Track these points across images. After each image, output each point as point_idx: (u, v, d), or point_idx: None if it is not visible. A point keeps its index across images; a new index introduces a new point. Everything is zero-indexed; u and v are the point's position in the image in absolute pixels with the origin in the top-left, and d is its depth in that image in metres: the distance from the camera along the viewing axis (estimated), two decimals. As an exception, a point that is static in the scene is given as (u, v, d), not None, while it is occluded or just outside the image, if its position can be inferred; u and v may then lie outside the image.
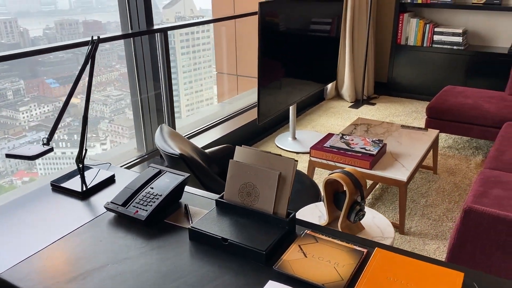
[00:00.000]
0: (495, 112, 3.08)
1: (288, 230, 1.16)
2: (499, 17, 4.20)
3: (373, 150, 2.39)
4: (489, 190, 1.99)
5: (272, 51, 2.86)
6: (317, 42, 3.37)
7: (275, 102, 3.02)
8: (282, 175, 1.17)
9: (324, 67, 3.58)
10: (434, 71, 4.35)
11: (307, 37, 3.22)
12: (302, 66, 3.26)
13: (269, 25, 2.75)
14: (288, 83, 3.13)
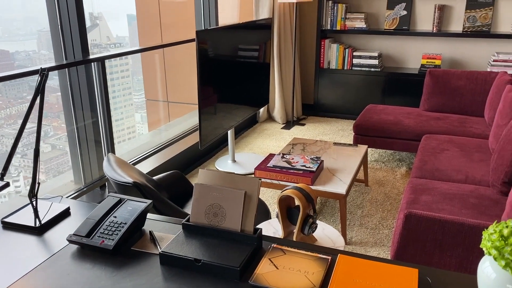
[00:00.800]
0: (414, 127, 3.41)
1: (256, 246, 1.22)
2: (408, 41, 4.67)
3: (312, 167, 2.54)
4: (419, 197, 2.21)
5: (210, 77, 2.95)
6: (250, 67, 3.52)
7: (215, 127, 3.09)
8: (247, 193, 1.24)
9: (258, 91, 3.73)
10: (355, 92, 4.69)
11: (241, 63, 3.36)
12: (238, 91, 3.37)
13: (206, 52, 2.84)
14: (226, 108, 3.22)
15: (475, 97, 3.63)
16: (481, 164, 2.64)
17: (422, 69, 4.39)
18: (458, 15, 4.42)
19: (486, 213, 2.05)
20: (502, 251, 0.90)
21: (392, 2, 4.54)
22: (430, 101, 3.78)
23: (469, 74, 3.66)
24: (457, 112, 3.70)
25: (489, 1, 4.22)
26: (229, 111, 3.29)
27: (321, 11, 4.61)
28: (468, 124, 3.40)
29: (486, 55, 4.43)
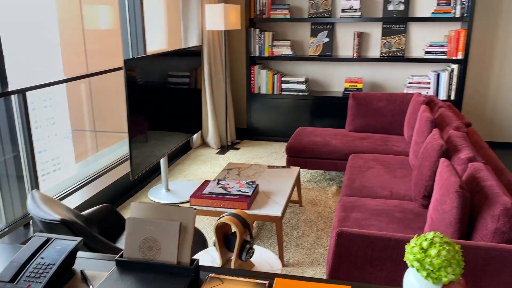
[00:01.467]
0: (341, 147, 3.58)
1: (194, 277, 1.21)
2: (332, 66, 4.94)
3: (248, 191, 2.57)
4: (349, 214, 2.31)
5: (140, 105, 2.91)
6: (181, 94, 3.52)
7: (147, 155, 3.04)
8: (182, 224, 1.23)
9: (190, 118, 3.72)
10: (286, 115, 4.85)
11: (171, 90, 3.35)
12: (170, 118, 3.35)
13: (135, 80, 2.81)
14: (158, 135, 3.18)
15: (394, 117, 3.90)
16: (403, 179, 2.83)
17: (345, 92, 4.65)
18: (375, 42, 4.75)
19: (411, 226, 2.19)
20: (423, 262, 0.98)
21: (315, 30, 4.79)
22: (354, 122, 4.00)
23: (388, 96, 3.93)
24: (379, 131, 3.95)
25: (401, 28, 4.60)
26: (161, 139, 3.25)
27: (249, 38, 4.75)
28: (390, 142, 3.64)
29: (402, 78, 4.79)
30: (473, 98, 4.73)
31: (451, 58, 4.37)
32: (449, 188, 1.76)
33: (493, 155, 2.45)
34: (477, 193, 1.81)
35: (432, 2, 4.53)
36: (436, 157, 2.29)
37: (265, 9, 4.69)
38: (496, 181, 1.81)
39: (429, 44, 4.42)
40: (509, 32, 4.47)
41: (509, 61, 4.55)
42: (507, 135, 4.76)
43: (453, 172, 1.85)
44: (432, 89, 4.47)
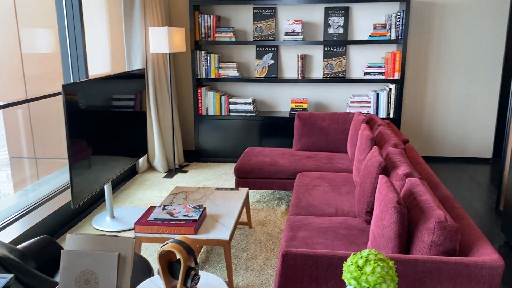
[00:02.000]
0: (289, 166, 3.63)
1: (134, 309, 1.17)
2: (278, 87, 5.04)
3: (195, 216, 2.54)
4: (297, 233, 2.34)
5: (82, 130, 2.81)
6: (125, 118, 3.45)
7: (90, 182, 2.93)
8: (121, 255, 1.19)
9: (135, 142, 3.65)
10: (234, 136, 4.87)
11: (115, 114, 3.27)
12: (113, 143, 3.26)
13: (75, 105, 2.72)
14: (100, 161, 3.08)
15: (338, 135, 4.02)
16: (348, 196, 2.91)
17: (292, 112, 4.75)
18: (318, 63, 4.92)
19: (355, 242, 2.25)
20: (359, 280, 1.00)
21: (260, 52, 4.89)
22: (301, 141, 4.08)
23: (331, 115, 4.06)
24: (324, 150, 4.05)
25: (342, 51, 4.79)
26: (105, 164, 3.16)
27: (195, 61, 4.77)
28: (335, 160, 3.74)
29: (345, 97, 4.97)
30: (411, 115, 4.98)
31: (389, 78, 4.60)
32: (387, 204, 1.83)
33: (429, 170, 2.59)
34: (414, 207, 1.89)
35: (369, 26, 4.77)
36: (376, 173, 2.38)
37: (210, 32, 4.74)
38: (431, 195, 1.90)
39: (368, 66, 4.63)
40: (440, 52, 4.78)
41: (441, 80, 4.85)
42: (442, 149, 5.04)
43: (391, 188, 1.93)
44: (373, 107, 4.67)
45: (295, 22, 4.64)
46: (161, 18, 4.58)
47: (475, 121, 4.91)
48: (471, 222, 1.87)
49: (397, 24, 4.48)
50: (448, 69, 4.81)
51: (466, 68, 4.79)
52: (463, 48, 4.74)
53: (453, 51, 4.76)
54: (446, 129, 4.97)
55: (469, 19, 4.67)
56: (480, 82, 4.80)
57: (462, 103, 4.88)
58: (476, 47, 4.72)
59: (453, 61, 4.79)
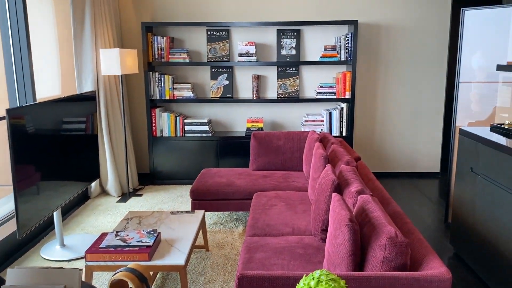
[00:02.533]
0: (245, 186, 3.63)
1: None
2: (233, 107, 5.06)
3: (149, 241, 2.47)
4: (254, 255, 2.33)
5: (29, 155, 2.69)
6: (75, 141, 3.34)
7: (38, 209, 2.79)
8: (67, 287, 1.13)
9: (86, 166, 3.53)
10: (190, 157, 4.82)
11: (65, 138, 3.16)
12: (63, 168, 3.14)
13: (21, 130, 2.60)
14: (50, 187, 2.95)
15: (293, 154, 4.08)
16: (304, 215, 2.93)
17: (248, 132, 4.78)
18: (272, 84, 5.00)
19: (312, 261, 2.26)
20: (312, 302, 1.01)
21: (215, 73, 4.91)
22: (257, 160, 4.10)
23: (286, 134, 4.11)
24: (280, 168, 4.09)
25: (295, 71, 4.90)
26: (54, 190, 3.02)
27: (149, 82, 4.71)
28: (291, 178, 3.78)
29: (299, 117, 5.06)
30: (362, 133, 5.14)
31: (340, 97, 4.74)
32: (340, 222, 1.86)
33: (380, 186, 2.66)
34: (366, 224, 1.93)
35: (320, 47, 4.92)
36: (329, 191, 2.42)
37: (164, 53, 4.71)
38: (382, 212, 1.95)
39: (320, 85, 4.76)
40: (387, 72, 5.00)
41: (390, 99, 5.06)
42: (393, 165, 5.21)
43: (343, 206, 1.97)
44: (326, 126, 4.78)
45: (248, 43, 4.71)
46: (112, 39, 4.51)
47: (422, 137, 5.13)
48: (421, 236, 1.94)
49: (346, 45, 4.65)
50: (395, 88, 5.03)
51: (412, 86, 5.02)
52: (409, 67, 4.98)
53: (399, 70, 4.99)
54: (396, 145, 5.16)
55: (413, 40, 4.92)
56: (425, 100, 5.04)
57: (410, 121, 5.10)
58: (420, 66, 4.97)
59: (399, 80, 5.01)
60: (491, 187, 2.64)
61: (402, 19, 4.87)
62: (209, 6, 4.88)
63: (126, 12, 4.90)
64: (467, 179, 2.98)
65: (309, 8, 4.87)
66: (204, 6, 4.88)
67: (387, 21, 4.88)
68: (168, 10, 4.90)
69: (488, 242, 2.68)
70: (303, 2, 4.86)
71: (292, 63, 4.73)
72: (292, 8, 4.87)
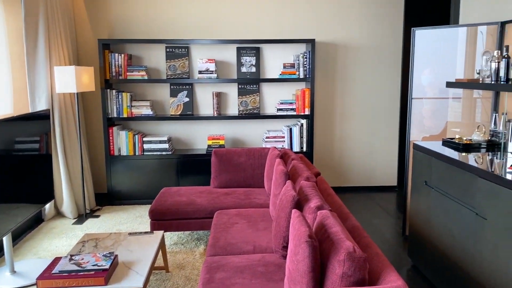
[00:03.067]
0: (206, 205, 3.58)
1: None
2: (194, 124, 5.03)
3: (105, 264, 2.38)
4: (214, 275, 2.28)
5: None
6: (27, 162, 3.19)
7: (-17, 236, 2.63)
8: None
9: (39, 187, 3.38)
10: (150, 176, 4.72)
11: (15, 158, 3.02)
12: (13, 190, 2.99)
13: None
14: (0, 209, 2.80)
15: (255, 170, 4.08)
16: (265, 232, 2.92)
17: (209, 149, 4.75)
18: (233, 101, 5.01)
19: (273, 279, 2.25)
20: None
21: (175, 90, 4.88)
22: (218, 178, 4.07)
23: (247, 151, 4.12)
24: (242, 185, 4.07)
25: (255, 88, 4.94)
26: (4, 212, 2.87)
27: (105, 100, 4.61)
28: (253, 195, 3.77)
29: (260, 133, 5.09)
30: (322, 148, 5.23)
31: (300, 114, 4.81)
32: (300, 239, 1.86)
33: (339, 201, 2.70)
34: (325, 240, 1.94)
35: (279, 65, 5.00)
36: (290, 208, 2.43)
37: (121, 71, 4.64)
38: (341, 227, 1.97)
39: (280, 102, 4.81)
40: (345, 89, 5.13)
41: (347, 115, 5.18)
42: (351, 180, 5.32)
43: (303, 223, 1.97)
44: (287, 142, 4.83)
45: (208, 61, 4.71)
46: (68, 56, 4.39)
47: (380, 152, 5.27)
48: (378, 250, 1.97)
49: (305, 63, 4.75)
50: (352, 104, 5.16)
51: (368, 102, 5.17)
52: (365, 84, 5.13)
53: (356, 87, 5.13)
54: (355, 160, 5.27)
55: (368, 58, 5.09)
56: (381, 116, 5.20)
57: (367, 136, 5.23)
58: (375, 83, 5.14)
59: (356, 96, 5.15)
60: (444, 199, 2.74)
61: (358, 38, 5.04)
62: (168, 23, 4.87)
63: (82, 29, 4.81)
64: (422, 192, 3.07)
65: (268, 27, 4.95)
66: (163, 23, 4.86)
67: (343, 40, 5.03)
68: (126, 27, 4.84)
69: (443, 253, 2.76)
70: (262, 20, 4.94)
71: (253, 80, 4.77)
72: (252, 26, 4.94)
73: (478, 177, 2.37)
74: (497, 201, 2.20)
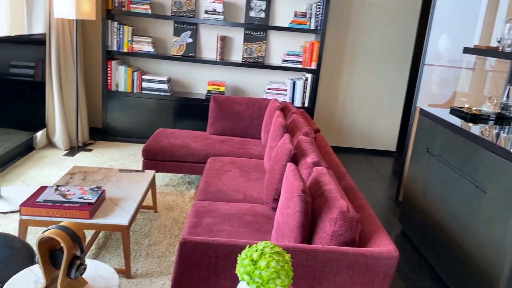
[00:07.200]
0: (200, 150, 3.51)
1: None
2: (195, 67, 4.86)
3: (91, 198, 2.33)
4: (202, 220, 2.24)
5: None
6: (19, 87, 3.07)
7: (-31, 157, 2.56)
8: (-22, 244, 1.00)
9: (30, 114, 3.28)
10: (146, 115, 4.62)
11: (8, 82, 2.90)
12: (4, 115, 2.89)
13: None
14: (-16, 134, 2.71)
15: (253, 121, 3.98)
16: (257, 183, 2.87)
17: (208, 95, 4.62)
18: (238, 47, 4.82)
19: (260, 230, 2.21)
20: (252, 275, 0.93)
21: (178, 29, 4.67)
22: (215, 125, 3.97)
23: (247, 100, 3.99)
24: (239, 135, 3.99)
25: (262, 36, 4.74)
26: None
27: (106, 31, 4.41)
28: (248, 146, 3.69)
29: (262, 84, 4.94)
30: (324, 106, 5.10)
31: (306, 67, 4.65)
32: (293, 192, 1.79)
33: (336, 160, 2.62)
34: (318, 196, 1.88)
35: (290, 13, 4.76)
36: (285, 161, 2.35)
37: (125, 2, 4.41)
38: (336, 185, 1.90)
39: (286, 53, 4.63)
40: (355, 46, 4.93)
41: (354, 74, 5.02)
42: (351, 141, 5.24)
43: (297, 177, 1.90)
44: (289, 95, 4.70)
45: (216, 0, 4.48)
46: (69, -20, 4.15)
47: (382, 115, 5.16)
48: (372, 212, 1.91)
49: (317, 14, 4.52)
50: (361, 64, 4.98)
51: (377, 63, 4.99)
52: (376, 44, 4.93)
53: (367, 46, 4.93)
54: (356, 121, 5.17)
55: (383, 16, 4.85)
56: (389, 79, 5.04)
57: (372, 98, 5.10)
58: (388, 44, 4.94)
59: (366, 56, 4.96)
60: (444, 168, 2.67)
61: (375, -7, 4.78)
62: (178, -44, 4.58)
63: (86, -48, 4.51)
64: (422, 159, 3.00)
65: (283, -29, 4.68)
66: (172, -45, 4.58)
67: (360, -7, 4.78)
68: (133, -44, 4.55)
69: (435, 222, 2.73)
70: (277, -37, 4.65)
71: (260, 27, 4.56)
72: (265, -32, 4.66)
73: (484, 149, 2.28)
74: (500, 175, 2.13)
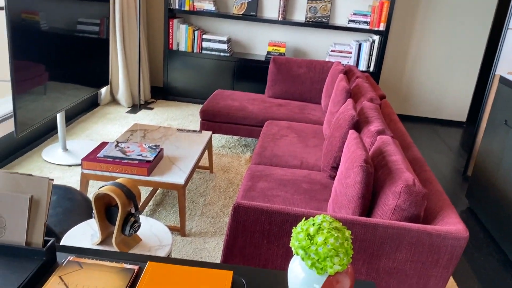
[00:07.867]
0: (258, 113, 3.44)
1: (46, 261, 1.00)
2: (256, 27, 4.73)
3: (150, 156, 2.35)
4: (256, 184, 2.20)
5: (30, 52, 2.51)
6: (85, 43, 3.13)
7: (38, 110, 2.67)
8: (34, 198, 1.00)
9: (95, 71, 3.36)
10: (205, 76, 4.60)
11: (73, 38, 2.96)
12: (69, 69, 2.97)
13: (22, 23, 2.40)
14: (53, 87, 2.80)
15: (313, 85, 3.83)
16: (315, 149, 2.77)
17: (268, 56, 4.49)
18: (301, 5, 4.61)
19: (316, 198, 2.13)
20: (308, 251, 0.85)
21: (241, -14, 4.52)
22: (274, 87, 3.87)
23: (308, 62, 3.83)
24: (297, 99, 3.86)
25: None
26: (59, 91, 2.88)
27: (169, -11, 4.37)
28: (307, 110, 3.57)
29: (326, 45, 4.72)
30: (391, 71, 4.81)
31: (373, 29, 4.36)
32: (354, 162, 1.68)
33: (403, 129, 2.45)
34: (382, 167, 1.75)
35: (360, -30, 4.45)
36: (347, 127, 2.22)
37: (187, -42, 4.31)
38: (401, 156, 1.76)
39: (353, 13, 4.36)
40: (429, 9, 4.54)
41: (426, 38, 4.65)
42: (418, 109, 4.93)
43: (360, 145, 1.78)
44: (353, 59, 4.46)
45: (281, -44, 4.26)
46: None
47: (454, 84, 4.78)
48: (439, 187, 1.76)
49: (389, -30, 4.18)
50: (434, 25, 4.60)
51: (452, 25, 4.58)
52: (453, 7, 4.51)
53: (442, 6, 4.52)
54: (425, 88, 4.84)
55: (464, -26, 4.40)
56: (464, 42, 4.63)
57: (444, 65, 4.72)
58: (466, 3, 4.50)
59: (440, 18, 4.56)
60: (524, 144, 2.41)
61: None
62: None
63: None
64: (498, 132, 2.73)
65: None
66: None
67: None
68: None
69: (509, 201, 2.50)
70: None
71: (326, -15, 4.30)
72: None
73: None
74: None
